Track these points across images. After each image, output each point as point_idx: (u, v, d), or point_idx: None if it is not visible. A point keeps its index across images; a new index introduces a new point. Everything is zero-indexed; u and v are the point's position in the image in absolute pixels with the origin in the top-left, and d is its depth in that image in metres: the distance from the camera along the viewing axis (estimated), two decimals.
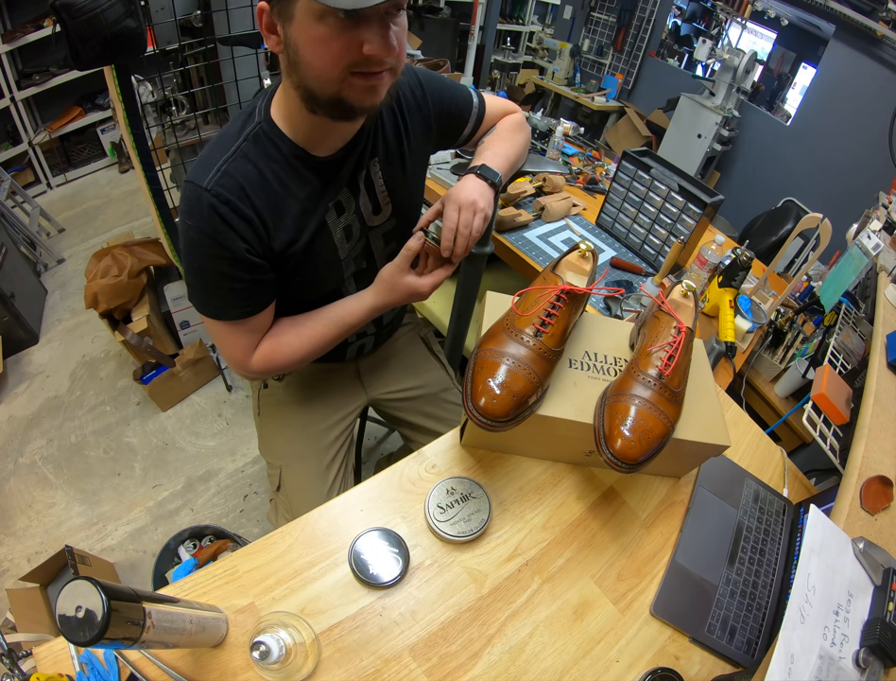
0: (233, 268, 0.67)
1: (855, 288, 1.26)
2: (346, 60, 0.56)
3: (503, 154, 0.83)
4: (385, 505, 0.67)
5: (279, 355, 0.77)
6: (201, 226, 0.64)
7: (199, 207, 0.64)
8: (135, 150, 1.40)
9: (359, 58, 0.56)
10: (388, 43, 0.56)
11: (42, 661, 0.52)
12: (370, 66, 0.58)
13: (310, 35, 0.55)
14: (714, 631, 0.64)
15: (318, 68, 0.57)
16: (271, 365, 0.78)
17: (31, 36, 2.58)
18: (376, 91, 0.61)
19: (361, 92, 0.60)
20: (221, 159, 0.65)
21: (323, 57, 0.56)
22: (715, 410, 0.68)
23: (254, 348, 0.77)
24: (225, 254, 0.66)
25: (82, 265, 2.03)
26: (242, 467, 1.74)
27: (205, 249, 0.66)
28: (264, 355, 0.77)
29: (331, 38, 0.55)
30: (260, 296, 0.73)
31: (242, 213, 0.65)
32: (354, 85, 0.59)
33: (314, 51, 0.56)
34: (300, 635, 0.52)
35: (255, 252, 0.68)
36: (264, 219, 0.67)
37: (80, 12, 1.04)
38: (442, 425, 1.02)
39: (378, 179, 0.78)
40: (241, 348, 0.76)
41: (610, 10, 3.85)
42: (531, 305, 0.64)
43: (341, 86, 0.59)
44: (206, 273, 0.69)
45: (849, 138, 2.71)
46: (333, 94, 0.59)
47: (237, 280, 0.68)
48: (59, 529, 1.55)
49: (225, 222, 0.64)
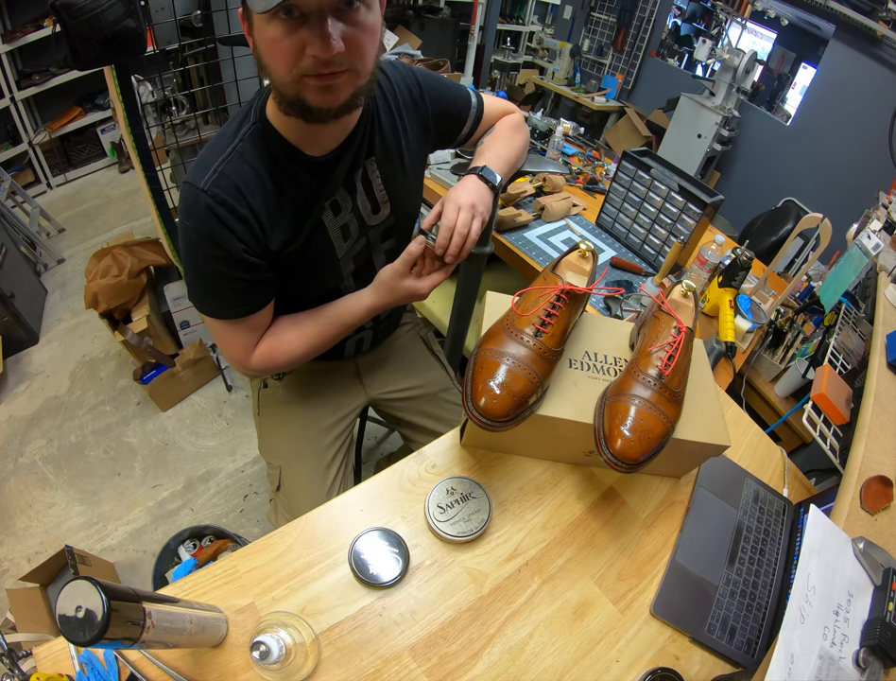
0: (231, 268, 0.68)
1: (855, 288, 1.26)
2: (293, 61, 0.56)
3: (503, 155, 0.83)
4: (385, 505, 0.67)
5: (279, 353, 0.78)
6: (199, 227, 0.65)
7: (197, 208, 0.64)
8: (135, 150, 1.40)
9: (305, 60, 0.56)
10: (328, 43, 0.54)
11: (42, 661, 0.52)
12: (318, 68, 0.56)
13: (263, 38, 0.57)
14: (714, 631, 0.64)
15: (275, 71, 0.58)
16: (272, 363, 0.79)
17: (31, 36, 2.58)
18: (332, 91, 0.59)
19: (316, 93, 0.59)
20: (218, 160, 0.66)
21: (276, 59, 0.57)
22: (715, 410, 0.68)
23: (254, 346, 0.78)
24: (223, 255, 0.66)
25: (82, 265, 2.03)
26: (242, 467, 1.74)
27: (203, 249, 0.66)
28: (264, 353, 0.78)
29: (279, 39, 0.55)
30: (259, 295, 0.74)
31: (238, 213, 0.65)
32: (309, 85, 0.58)
33: (268, 54, 0.58)
34: (300, 635, 0.52)
35: (252, 252, 0.68)
36: (260, 219, 0.68)
37: (80, 12, 1.04)
38: (442, 425, 1.02)
39: (376, 178, 0.78)
40: (241, 346, 0.77)
41: (610, 10, 3.85)
42: (531, 305, 0.64)
43: (298, 88, 0.59)
44: (205, 273, 0.69)
45: (849, 138, 2.71)
46: (293, 95, 0.60)
47: (236, 280, 0.69)
48: (59, 529, 1.55)
49: (222, 223, 0.65)
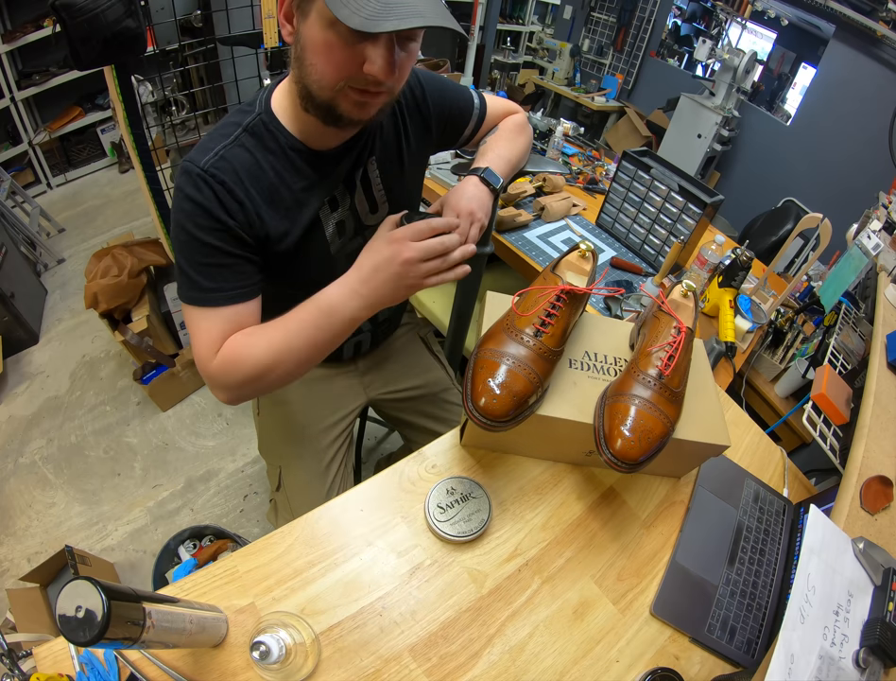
0: (221, 240, 0.65)
1: (855, 288, 1.26)
2: (345, 72, 0.57)
3: (505, 156, 0.83)
4: (385, 505, 0.67)
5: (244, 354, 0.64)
6: (194, 195, 0.63)
7: (194, 180, 0.63)
8: (135, 150, 1.40)
9: (358, 74, 0.57)
10: (390, 67, 0.56)
11: (42, 661, 0.52)
12: (367, 85, 0.58)
13: (318, 38, 0.56)
14: (714, 631, 0.64)
15: (318, 72, 0.58)
16: (232, 368, 0.65)
17: (31, 36, 2.57)
18: (367, 107, 0.62)
19: (353, 105, 0.60)
20: (220, 145, 0.65)
21: (325, 63, 0.57)
22: (715, 410, 0.68)
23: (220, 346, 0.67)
24: (215, 225, 0.64)
25: (82, 265, 2.03)
26: (242, 467, 1.74)
27: (196, 219, 0.64)
28: (228, 351, 0.65)
29: (336, 47, 0.55)
30: (244, 279, 0.68)
31: (235, 195, 0.65)
32: (349, 97, 0.59)
33: (318, 55, 0.57)
34: (300, 635, 0.52)
35: (245, 230, 0.67)
36: (256, 206, 0.67)
37: (80, 12, 1.04)
38: (442, 425, 1.02)
39: (375, 178, 0.78)
40: (208, 341, 0.66)
41: (610, 10, 3.85)
42: (531, 305, 0.64)
43: (336, 95, 0.59)
44: (195, 247, 0.65)
45: (849, 138, 2.71)
46: (326, 99, 0.60)
47: (226, 254, 0.65)
48: (59, 529, 1.55)
49: (217, 198, 0.64)
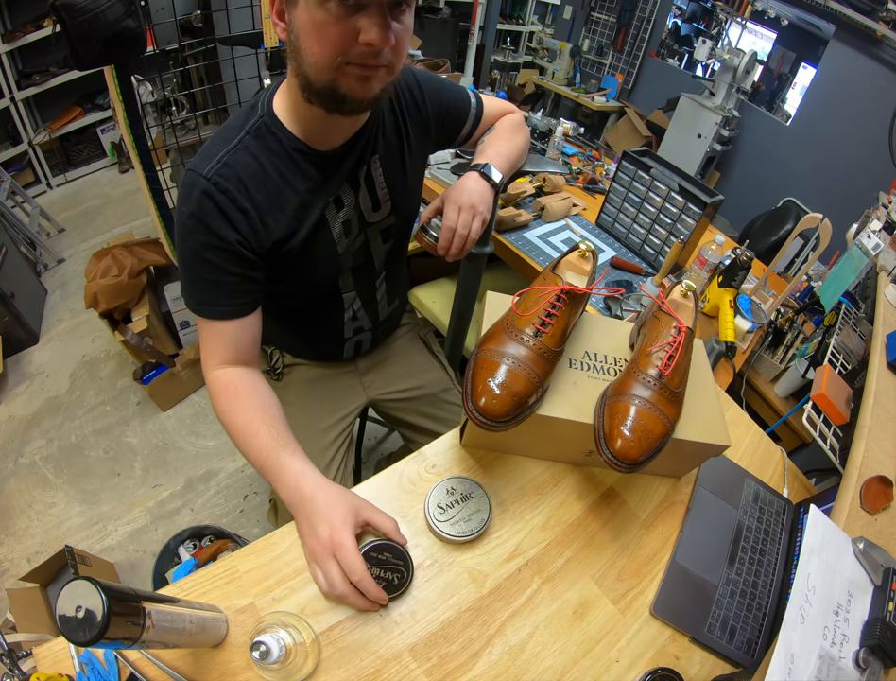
0: (223, 258, 0.66)
1: (855, 288, 1.26)
2: (341, 48, 0.56)
3: (504, 154, 0.83)
4: (385, 505, 0.67)
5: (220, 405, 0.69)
6: (195, 212, 0.64)
7: (196, 193, 0.64)
8: (135, 150, 1.40)
9: (354, 48, 0.56)
10: (385, 32, 0.55)
11: (42, 661, 0.52)
12: (366, 58, 0.57)
13: (310, 19, 0.56)
14: (714, 631, 0.64)
15: (315, 54, 0.57)
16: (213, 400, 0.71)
17: (31, 36, 2.58)
18: (369, 82, 0.60)
19: (354, 81, 0.59)
20: (223, 150, 0.65)
21: (320, 43, 0.56)
22: (715, 410, 0.68)
23: (222, 361, 0.71)
24: (216, 243, 0.65)
25: (82, 265, 2.03)
26: (242, 467, 1.74)
27: (197, 235, 0.65)
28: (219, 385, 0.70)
29: (329, 24, 0.55)
30: (244, 297, 0.70)
31: (238, 204, 0.65)
32: (349, 74, 0.58)
33: (311, 36, 0.57)
34: (300, 635, 0.52)
35: (247, 245, 0.67)
36: (261, 213, 0.67)
37: (80, 12, 1.04)
38: (442, 425, 1.02)
39: (379, 176, 0.79)
40: (206, 348, 0.72)
41: (610, 10, 3.86)
42: (531, 305, 0.64)
43: (336, 74, 0.58)
44: (195, 262, 0.67)
45: (849, 138, 2.71)
46: (327, 81, 0.59)
47: (225, 272, 0.67)
48: (59, 529, 1.55)
49: (220, 210, 0.64)
